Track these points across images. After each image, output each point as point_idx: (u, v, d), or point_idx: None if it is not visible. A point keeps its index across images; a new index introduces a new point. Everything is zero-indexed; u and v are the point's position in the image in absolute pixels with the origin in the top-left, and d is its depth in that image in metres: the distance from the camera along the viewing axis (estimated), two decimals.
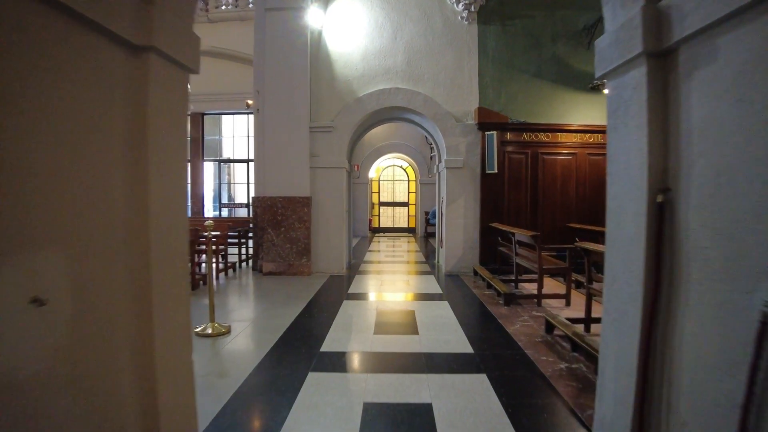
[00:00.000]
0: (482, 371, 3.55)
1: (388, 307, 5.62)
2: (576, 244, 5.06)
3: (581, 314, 5.03)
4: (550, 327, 4.60)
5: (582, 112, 8.24)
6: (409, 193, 17.19)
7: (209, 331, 4.58)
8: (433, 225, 14.38)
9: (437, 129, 7.86)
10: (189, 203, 16.76)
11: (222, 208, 17.06)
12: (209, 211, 16.81)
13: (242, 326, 4.81)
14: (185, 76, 2.11)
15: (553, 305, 5.77)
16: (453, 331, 4.59)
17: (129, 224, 1.70)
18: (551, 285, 6.81)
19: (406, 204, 17.25)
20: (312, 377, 3.40)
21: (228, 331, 4.63)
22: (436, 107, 7.81)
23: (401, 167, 17.19)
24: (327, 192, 7.77)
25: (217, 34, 15.27)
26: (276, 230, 7.71)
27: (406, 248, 12.18)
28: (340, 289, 6.64)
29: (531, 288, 6.73)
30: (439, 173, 8.98)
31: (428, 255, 11.08)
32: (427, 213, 15.21)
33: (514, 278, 6.84)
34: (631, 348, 1.80)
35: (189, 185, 16.82)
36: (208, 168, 16.60)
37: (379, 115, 8.38)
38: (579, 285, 6.58)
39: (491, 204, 7.86)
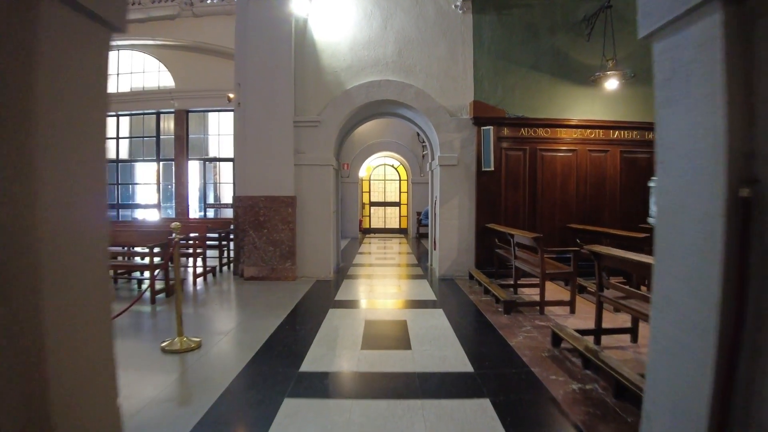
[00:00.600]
0: (485, 395, 3.08)
1: (377, 316, 5.14)
2: (585, 247, 4.62)
3: (588, 323, 4.61)
4: (557, 339, 4.15)
5: (582, 107, 7.84)
6: (400, 192, 16.73)
7: (177, 346, 4.08)
8: (426, 226, 13.94)
9: (430, 124, 7.40)
10: (173, 204, 16.20)
11: (207, 209, 16.48)
12: (195, 212, 16.24)
13: (215, 340, 4.30)
14: (106, 35, 1.61)
15: (557, 313, 5.33)
16: (449, 345, 4.11)
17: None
18: (553, 290, 6.37)
19: (397, 204, 16.78)
20: (288, 405, 2.91)
21: (198, 346, 4.12)
22: (428, 101, 7.34)
23: (392, 166, 16.72)
24: (313, 191, 7.27)
25: (202, 28, 14.72)
26: (258, 232, 7.20)
27: (397, 250, 11.71)
28: (326, 296, 6.14)
29: (531, 293, 6.30)
30: (432, 171, 8.52)
31: (420, 257, 10.61)
32: (419, 213, 14.76)
33: (513, 283, 6.40)
34: (696, 394, 1.33)
35: (173, 185, 16.28)
36: (194, 167, 16.03)
37: (368, 110, 7.90)
38: (582, 290, 6.16)
39: (487, 204, 7.41)
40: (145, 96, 16.14)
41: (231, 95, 7.75)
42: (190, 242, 7.28)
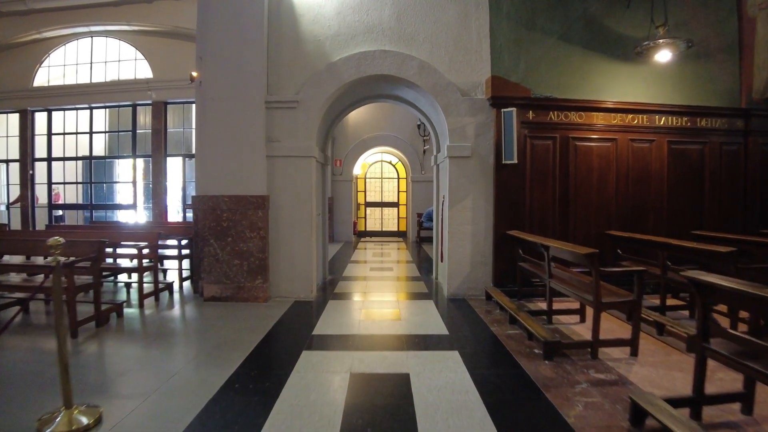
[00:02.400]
0: None
1: (369, 364, 3.65)
2: (683, 274, 3.15)
3: (661, 373, 3.21)
4: (638, 414, 2.69)
5: (622, 87, 6.39)
6: (399, 192, 15.25)
7: (61, 428, 2.61)
8: (428, 229, 12.49)
9: (437, 105, 5.92)
10: (150, 204, 14.67)
11: (188, 210, 14.98)
12: (176, 213, 14.74)
13: (124, 410, 2.82)
14: None
15: (614, 356, 3.87)
16: (478, 427, 2.64)
17: None
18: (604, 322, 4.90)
19: (395, 204, 15.30)
20: None
21: (95, 424, 2.66)
22: (434, 76, 5.86)
23: (390, 163, 15.24)
24: (290, 189, 5.79)
25: (182, 12, 13.11)
26: (220, 241, 5.71)
27: (395, 257, 10.22)
28: (302, 328, 4.65)
29: (570, 322, 4.85)
30: (438, 166, 7.04)
31: (422, 265, 9.13)
32: (420, 215, 13.29)
33: (546, 309, 4.92)
34: None
35: (150, 183, 14.76)
36: (173, 164, 14.50)
37: (359, 90, 6.42)
38: (627, 317, 4.68)
39: (508, 205, 5.93)
40: (120, 87, 14.59)
41: (194, 73, 6.30)
42: (145, 252, 5.81)
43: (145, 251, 5.80)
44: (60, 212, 15.32)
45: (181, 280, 6.81)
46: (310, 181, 5.76)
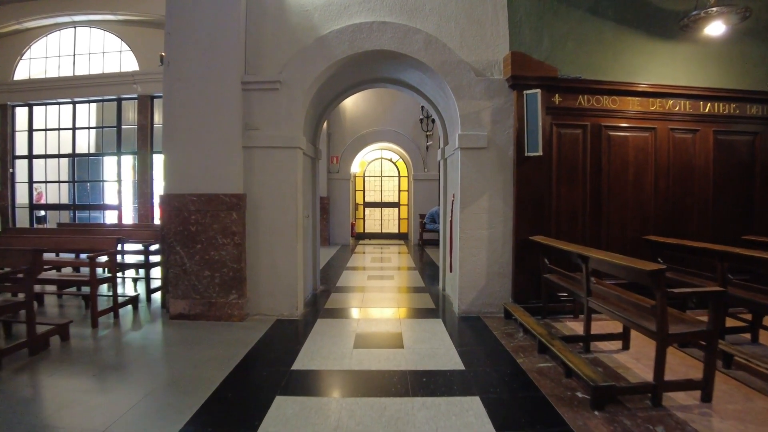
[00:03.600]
0: None
1: (360, 421, 2.71)
2: None
3: (751, 429, 2.25)
4: None
5: (660, 68, 5.47)
6: (400, 191, 14.32)
7: None
8: (432, 231, 11.56)
9: (446, 87, 4.99)
10: (135, 204, 13.75)
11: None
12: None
13: None
14: None
15: (682, 402, 2.95)
16: None
17: None
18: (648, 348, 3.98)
19: (396, 205, 14.37)
20: None
21: None
22: (443, 52, 4.93)
23: (390, 160, 14.31)
24: (271, 186, 4.86)
25: None
26: (188, 248, 4.79)
27: (396, 263, 9.29)
28: (280, 360, 3.71)
29: (612, 349, 3.93)
30: (446, 160, 6.11)
31: (425, 270, 8.23)
32: (422, 216, 12.35)
33: (583, 335, 3.99)
34: None
35: (135, 182, 13.84)
36: (161, 161, 13.59)
37: (354, 71, 5.49)
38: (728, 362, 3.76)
39: (531, 206, 4.99)
40: (104, 80, 13.66)
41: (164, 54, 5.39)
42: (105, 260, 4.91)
43: (104, 258, 4.89)
44: (42, 212, 14.47)
45: (149, 291, 5.89)
46: (295, 176, 4.83)
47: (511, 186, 4.98)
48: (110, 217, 13.63)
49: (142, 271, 6.78)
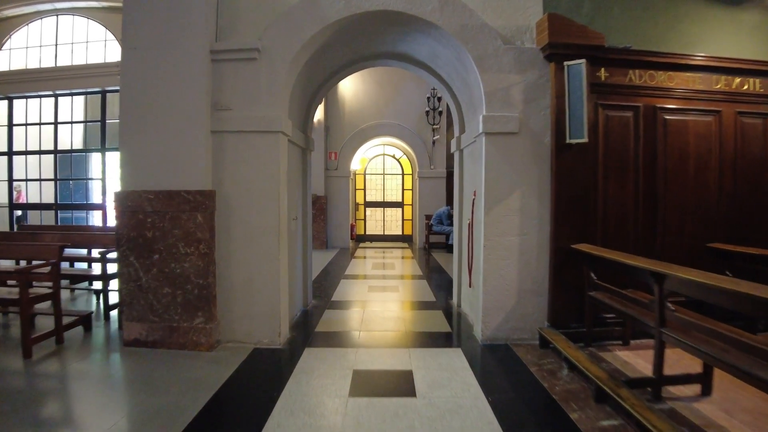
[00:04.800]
0: None
1: None
2: None
3: None
4: None
5: (723, 40, 4.52)
6: (403, 190, 13.32)
7: None
8: (438, 233, 10.58)
9: (467, 58, 3.99)
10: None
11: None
12: None
13: None
14: None
15: None
16: None
17: None
18: (749, 398, 3.00)
19: (400, 205, 13.37)
20: None
21: None
22: (463, 14, 3.93)
23: (393, 157, 13.31)
24: (247, 181, 3.86)
25: None
26: (144, 259, 3.81)
27: (401, 269, 8.29)
28: (250, 417, 2.71)
29: (685, 393, 2.95)
30: (462, 151, 5.13)
31: (431, 276, 7.26)
32: (428, 217, 11.35)
33: (654, 377, 2.99)
34: None
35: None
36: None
37: (351, 41, 4.49)
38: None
39: (574, 206, 4.00)
40: (88, 71, 12.66)
41: None
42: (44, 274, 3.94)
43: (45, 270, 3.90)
44: (19, 212, 13.55)
45: (107, 308, 4.91)
46: (277, 168, 3.83)
47: (548, 181, 3.99)
48: (98, 218, 12.68)
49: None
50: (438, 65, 4.80)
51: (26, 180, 12.72)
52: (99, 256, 4.94)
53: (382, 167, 13.35)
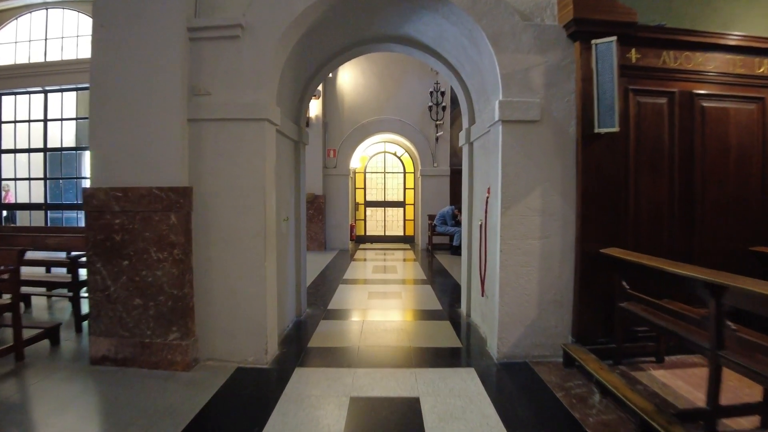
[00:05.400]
0: None
1: None
2: None
3: None
4: None
5: (763, 18, 4.01)
6: (405, 189, 12.83)
7: None
8: (441, 234, 10.10)
9: (481, 36, 3.49)
10: None
11: None
12: None
13: None
14: None
15: None
16: None
17: None
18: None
19: (401, 204, 12.87)
20: None
21: None
22: None
23: (395, 154, 12.81)
24: (228, 176, 3.37)
25: None
26: (112, 265, 3.33)
27: (403, 273, 7.80)
28: None
29: (743, 426, 2.46)
30: (472, 144, 4.64)
31: (436, 282, 6.78)
32: (431, 217, 10.87)
33: (708, 409, 2.50)
34: None
35: None
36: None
37: (348, 20, 4.00)
38: None
39: (602, 204, 3.51)
40: (78, 66, 12.19)
41: None
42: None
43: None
44: (11, 212, 13.10)
45: (78, 318, 4.43)
46: (263, 162, 3.33)
47: (572, 176, 3.50)
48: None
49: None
50: (446, 49, 4.31)
51: (15, 179, 12.26)
52: (69, 260, 4.46)
53: (383, 165, 12.86)
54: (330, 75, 10.83)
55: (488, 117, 3.75)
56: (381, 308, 5.24)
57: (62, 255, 5.54)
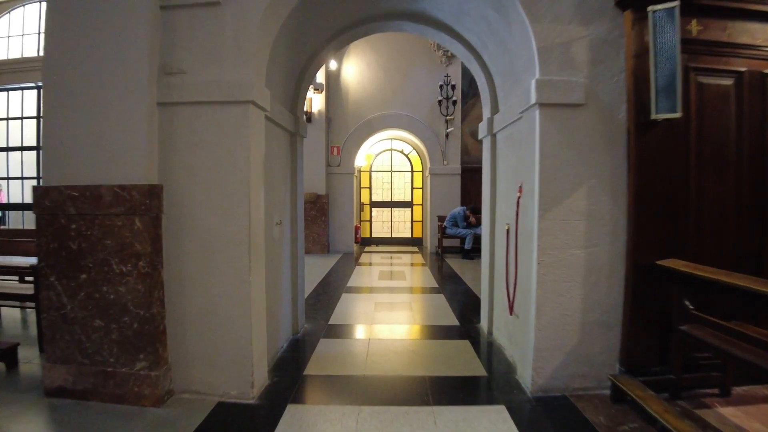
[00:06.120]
0: None
1: None
2: None
3: None
4: None
5: None
6: (413, 189, 12.24)
7: None
8: (452, 237, 9.51)
9: (513, 4, 2.90)
10: None
11: None
12: None
13: None
14: None
15: None
16: None
17: None
18: None
19: (409, 205, 12.28)
20: None
21: None
22: None
23: (402, 152, 12.22)
24: (206, 172, 2.78)
25: None
26: (68, 279, 2.76)
27: (412, 280, 7.20)
28: None
29: None
30: (495, 136, 4.03)
31: (447, 289, 6.18)
32: (441, 218, 10.27)
33: None
34: None
35: None
36: None
37: None
38: None
39: (660, 207, 2.90)
40: None
41: None
42: None
43: None
44: (2, 212, 12.68)
45: (41, 337, 3.87)
46: (247, 154, 2.74)
47: (623, 172, 2.89)
48: None
49: None
50: (465, 25, 3.71)
51: (7, 178, 11.82)
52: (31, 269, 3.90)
53: (389, 164, 12.27)
54: (334, 67, 10.25)
55: (519, 102, 3.15)
56: (389, 322, 4.65)
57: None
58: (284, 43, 3.31)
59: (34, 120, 11.63)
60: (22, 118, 11.71)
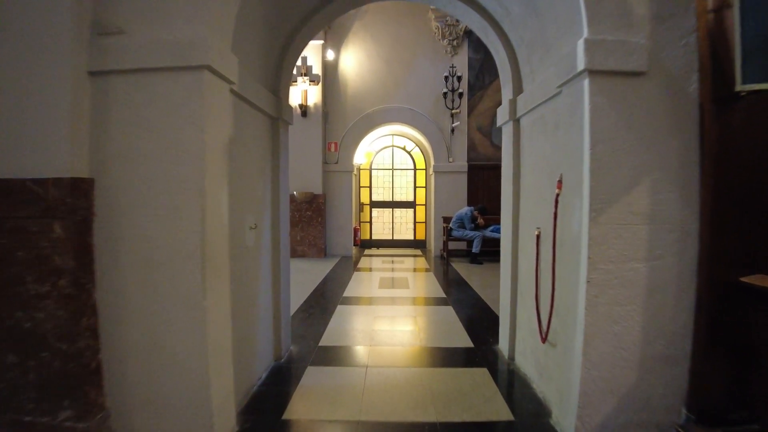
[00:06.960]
0: None
1: None
2: None
3: None
4: None
5: None
6: (416, 188, 11.58)
7: None
8: (458, 240, 8.86)
9: None
10: None
11: None
12: None
13: None
14: None
15: None
16: None
17: None
18: None
19: (411, 205, 11.62)
20: None
21: None
22: None
23: (404, 149, 11.57)
24: (150, 161, 2.12)
25: None
26: None
27: (416, 289, 6.53)
28: None
29: None
30: (518, 121, 3.36)
31: (453, 298, 5.52)
32: (446, 220, 9.60)
33: None
34: None
35: None
36: None
37: None
38: None
39: (745, 207, 2.24)
40: None
41: None
42: None
43: None
44: None
45: None
46: (200, 136, 2.08)
47: (696, 161, 2.23)
48: None
49: None
50: None
51: None
52: None
53: (390, 161, 11.61)
54: (331, 58, 9.60)
55: (555, 73, 2.48)
56: (390, 344, 3.98)
57: None
58: (260, 2, 2.66)
59: None
60: None
